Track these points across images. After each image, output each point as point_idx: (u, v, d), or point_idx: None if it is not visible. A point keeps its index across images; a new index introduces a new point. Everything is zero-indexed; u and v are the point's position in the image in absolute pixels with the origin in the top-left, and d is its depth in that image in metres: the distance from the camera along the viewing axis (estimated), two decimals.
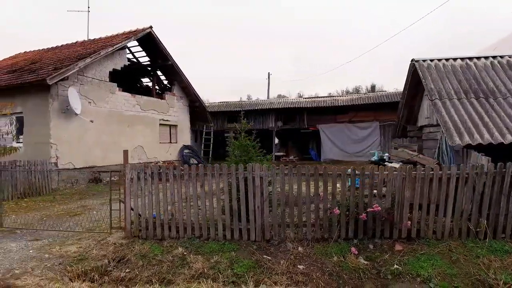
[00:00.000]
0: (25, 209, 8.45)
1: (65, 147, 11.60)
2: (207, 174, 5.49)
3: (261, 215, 5.38)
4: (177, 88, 17.57)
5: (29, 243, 5.64)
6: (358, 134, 20.29)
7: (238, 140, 6.22)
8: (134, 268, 4.99)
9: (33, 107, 11.37)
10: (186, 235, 5.59)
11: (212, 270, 4.87)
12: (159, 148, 16.26)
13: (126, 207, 5.69)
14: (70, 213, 7.85)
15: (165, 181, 5.68)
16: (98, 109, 12.89)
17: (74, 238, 5.91)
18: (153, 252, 5.28)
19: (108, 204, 8.79)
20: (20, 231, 6.34)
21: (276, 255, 5.16)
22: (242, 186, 5.37)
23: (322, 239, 5.42)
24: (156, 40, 15.09)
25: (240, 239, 5.48)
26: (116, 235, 5.86)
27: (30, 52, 17.33)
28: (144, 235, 5.68)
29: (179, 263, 5.05)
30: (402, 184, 5.07)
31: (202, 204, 5.59)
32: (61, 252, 5.22)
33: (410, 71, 7.86)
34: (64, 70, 10.85)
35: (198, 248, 5.36)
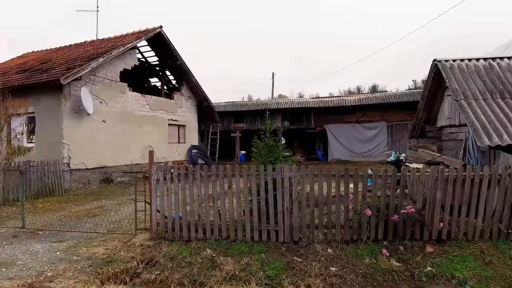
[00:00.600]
0: (41, 210, 8.39)
1: (77, 147, 11.54)
2: (235, 175, 5.44)
3: (289, 216, 5.33)
4: (185, 88, 17.52)
5: (54, 245, 5.59)
6: (366, 134, 20.24)
7: (263, 140, 6.16)
8: (164, 270, 4.94)
9: (45, 107, 11.31)
10: (213, 236, 5.53)
11: (244, 272, 4.81)
12: (168, 148, 16.20)
13: (152, 209, 5.63)
14: (88, 214, 7.80)
15: (192, 182, 5.62)
16: (109, 109, 12.84)
17: (99, 239, 5.86)
18: (181, 254, 5.23)
19: (126, 205, 8.83)
20: (42, 232, 6.28)
21: (307, 257, 5.10)
22: (270, 187, 5.32)
23: (351, 240, 5.36)
24: (166, 40, 15.04)
25: (268, 241, 5.43)
26: (142, 237, 5.81)
27: (38, 52, 17.27)
28: (170, 236, 5.62)
29: (209, 265, 5.00)
30: (434, 185, 5.01)
31: (230, 205, 5.54)
32: (88, 253, 5.17)
33: (431, 72, 7.82)
34: (77, 70, 10.79)
35: (227, 249, 5.31)
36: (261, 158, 5.86)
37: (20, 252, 5.26)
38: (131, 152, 13.87)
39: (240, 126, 22.78)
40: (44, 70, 12.11)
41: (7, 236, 6.13)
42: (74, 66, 11.21)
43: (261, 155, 5.88)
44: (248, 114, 22.58)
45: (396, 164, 9.07)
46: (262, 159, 5.83)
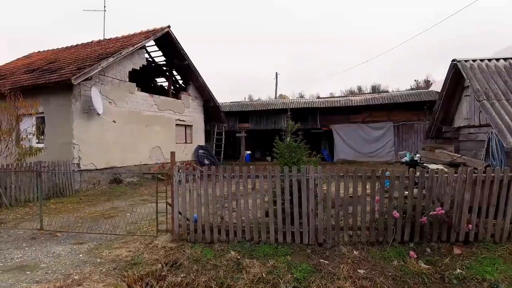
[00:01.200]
0: (55, 211, 8.32)
1: (87, 147, 11.46)
2: (259, 176, 5.38)
3: (314, 218, 5.27)
4: (192, 88, 17.45)
5: (74, 247, 5.52)
6: (372, 134, 20.18)
7: (285, 141, 6.10)
8: (190, 272, 4.87)
9: (55, 107, 11.23)
10: (236, 238, 5.47)
11: (271, 275, 4.75)
12: (176, 148, 16.09)
13: (174, 210, 5.57)
14: (104, 215, 7.72)
15: (214, 183, 5.55)
16: (118, 109, 12.76)
17: (119, 241, 5.79)
18: (205, 256, 5.16)
19: (139, 206, 8.76)
20: (61, 234, 6.21)
21: (333, 259, 5.04)
22: (295, 189, 5.26)
23: (377, 242, 5.31)
24: (173, 40, 14.97)
25: (292, 243, 5.37)
26: (163, 238, 5.74)
27: (44, 52, 17.19)
28: (193, 238, 5.56)
29: (235, 268, 4.93)
30: (462, 186, 4.96)
31: (254, 206, 5.48)
32: (112, 256, 5.09)
33: (450, 71, 7.76)
34: (88, 70, 10.71)
35: (251, 251, 5.24)
36: (284, 159, 5.80)
37: (42, 254, 5.18)
38: (140, 153, 13.79)
39: (245, 126, 22.71)
40: (53, 70, 12.04)
41: (26, 238, 6.06)
42: (84, 66, 11.13)
43: (284, 156, 5.82)
44: (253, 114, 22.52)
45: (411, 165, 9.02)
46: (285, 160, 5.77)
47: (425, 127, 19.13)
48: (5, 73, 14.27)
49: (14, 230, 6.56)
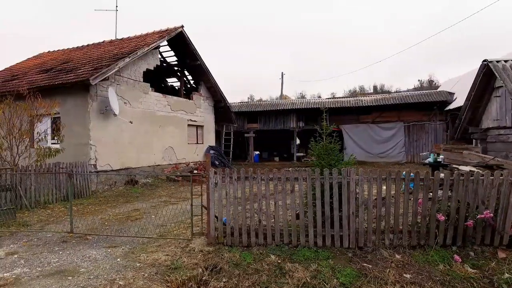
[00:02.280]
0: (78, 213, 8.21)
1: (103, 148, 11.37)
2: (298, 178, 5.28)
3: (355, 221, 5.18)
4: (203, 88, 17.35)
5: (109, 250, 5.42)
6: (382, 134, 20.11)
7: (320, 142, 6.02)
8: (232, 277, 4.77)
9: (71, 108, 11.13)
10: (274, 241, 5.37)
11: (316, 280, 4.65)
12: (187, 149, 16.04)
13: (210, 213, 5.46)
14: (129, 218, 7.63)
15: (252, 186, 5.45)
16: (133, 110, 12.67)
17: (153, 244, 5.69)
18: (245, 260, 5.06)
19: (161, 207, 8.66)
20: (92, 237, 6.11)
21: (376, 263, 4.95)
22: (335, 191, 5.17)
23: (419, 246, 5.22)
24: (186, 40, 14.87)
25: (332, 246, 5.27)
26: (198, 242, 5.64)
27: (54, 52, 17.09)
28: (229, 241, 5.46)
29: (277, 272, 4.83)
30: (509, 189, 4.87)
31: (292, 210, 5.38)
32: (150, 260, 4.99)
33: (480, 72, 7.68)
34: (105, 70, 10.61)
35: (291, 255, 5.15)
36: (322, 160, 5.71)
37: (77, 258, 5.09)
38: (153, 153, 13.70)
39: (254, 127, 22.62)
40: (68, 70, 11.93)
41: (56, 241, 5.96)
42: (101, 66, 11.03)
43: (322, 158, 5.73)
44: (262, 115, 22.43)
45: (434, 166, 8.93)
46: (323, 162, 5.68)
47: (436, 127, 19.11)
48: (17, 73, 14.18)
49: (42, 233, 6.46)
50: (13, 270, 4.66)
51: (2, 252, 5.42)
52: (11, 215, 7.21)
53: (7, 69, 16.15)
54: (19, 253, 5.37)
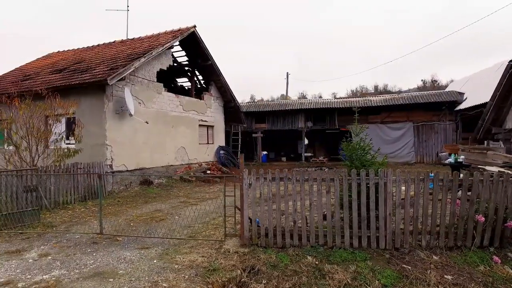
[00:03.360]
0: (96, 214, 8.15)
1: (118, 148, 11.33)
2: (334, 179, 5.25)
3: (391, 222, 5.15)
4: (213, 88, 17.31)
5: (142, 252, 5.38)
6: (391, 135, 20.07)
7: (352, 143, 5.99)
8: (271, 278, 4.74)
9: (86, 108, 11.07)
10: (309, 243, 5.34)
11: (357, 281, 4.62)
12: (199, 149, 16.00)
13: (244, 214, 5.42)
14: (153, 218, 7.59)
15: (286, 186, 5.41)
16: (147, 110, 12.63)
17: (185, 245, 5.65)
18: (282, 262, 5.03)
19: (181, 208, 8.63)
20: (122, 239, 6.07)
21: (415, 265, 4.92)
22: (372, 192, 5.14)
23: (455, 247, 5.19)
24: (198, 39, 14.83)
25: (368, 247, 5.24)
26: (231, 243, 5.60)
27: (64, 52, 17.04)
28: (263, 243, 5.42)
29: (316, 273, 4.80)
30: None
31: (328, 211, 5.35)
32: (187, 261, 4.95)
33: (507, 73, 7.65)
34: (122, 70, 10.57)
35: (328, 256, 5.11)
36: (355, 161, 5.68)
37: (113, 260, 5.04)
38: (166, 154, 13.66)
39: (262, 127, 22.59)
40: (83, 70, 11.89)
41: (86, 242, 5.92)
42: (117, 66, 10.99)
43: (357, 158, 5.70)
44: (270, 115, 22.40)
45: (455, 167, 8.90)
46: (356, 162, 5.65)
47: (446, 127, 19.09)
48: (30, 73, 14.13)
49: (70, 234, 6.41)
50: (51, 272, 4.62)
51: (35, 253, 5.38)
52: (36, 216, 7.17)
53: (18, 69, 16.10)
54: (52, 254, 5.32)
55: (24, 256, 5.25)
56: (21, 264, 4.91)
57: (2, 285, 4.23)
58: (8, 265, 4.90)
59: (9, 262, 4.99)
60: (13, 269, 4.74)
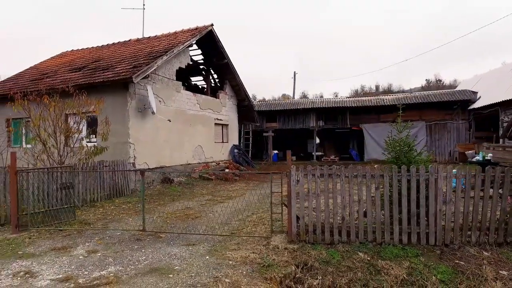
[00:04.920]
0: (131, 211, 8.17)
1: (141, 147, 11.31)
2: (384, 176, 5.25)
3: (441, 218, 5.15)
4: (228, 87, 17.30)
5: (190, 248, 5.36)
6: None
7: (396, 140, 6.00)
8: (326, 274, 4.74)
9: (108, 106, 10.99)
10: (358, 239, 5.34)
11: (413, 277, 4.63)
12: (214, 147, 15.99)
13: (292, 211, 5.42)
14: (187, 216, 7.58)
15: (335, 183, 5.41)
16: (167, 108, 12.62)
17: (231, 242, 5.64)
18: (333, 258, 5.03)
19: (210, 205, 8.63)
20: (164, 235, 6.06)
21: (468, 260, 4.92)
22: (423, 188, 5.14)
23: (505, 243, 5.19)
24: (215, 38, 14.82)
25: (418, 244, 5.24)
26: (277, 239, 5.59)
27: (79, 50, 17.02)
28: (311, 239, 5.42)
29: (371, 269, 4.80)
30: None
31: (377, 207, 5.34)
32: (239, 257, 4.93)
33: None
34: (146, 68, 10.56)
35: (379, 252, 5.11)
36: (403, 157, 5.68)
37: (163, 256, 5.03)
38: (185, 152, 13.65)
39: (273, 126, 22.57)
40: (104, 68, 11.87)
41: (130, 239, 5.91)
42: (140, 65, 10.98)
43: (404, 155, 5.70)
44: (281, 114, 22.40)
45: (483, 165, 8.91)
46: (404, 159, 5.66)
47: (459, 126, 19.11)
48: (47, 72, 14.11)
49: (110, 231, 6.40)
50: (107, 268, 4.61)
51: (82, 250, 5.37)
52: (71, 214, 7.16)
53: (33, 67, 16.07)
54: (100, 251, 5.31)
55: (73, 253, 5.24)
56: (73, 261, 4.89)
57: (62, 281, 4.22)
58: (60, 261, 4.89)
59: (60, 259, 4.98)
60: (67, 265, 4.73)
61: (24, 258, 5.04)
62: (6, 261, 4.92)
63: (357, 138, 22.77)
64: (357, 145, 23.00)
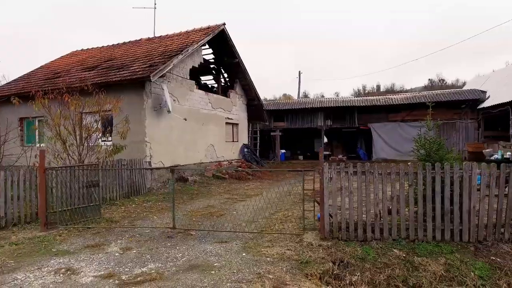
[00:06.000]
0: (153, 209, 8.19)
1: (156, 145, 11.33)
2: (418, 173, 5.27)
3: (475, 215, 5.18)
4: (238, 86, 17.32)
5: (223, 245, 5.38)
6: (412, 133, 19.93)
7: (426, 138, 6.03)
8: (364, 271, 4.76)
9: (124, 105, 10.95)
10: (391, 236, 5.36)
11: (451, 273, 4.65)
12: (225, 147, 16.01)
13: (325, 208, 5.44)
14: (212, 214, 7.61)
15: (368, 180, 5.43)
16: (181, 107, 12.63)
17: (263, 239, 5.66)
18: (368, 255, 5.04)
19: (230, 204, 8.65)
20: (195, 233, 6.08)
21: (503, 257, 4.95)
22: (456, 185, 5.16)
23: None
24: (227, 37, 14.83)
25: (451, 240, 5.26)
26: (310, 236, 5.62)
27: (88, 50, 17.05)
28: (344, 236, 5.44)
29: (408, 266, 4.83)
30: None
31: (411, 204, 5.36)
32: (275, 254, 4.96)
33: None
34: (163, 67, 10.59)
35: (413, 249, 5.13)
36: (435, 155, 5.71)
37: (199, 253, 5.05)
38: (198, 151, 13.67)
39: (280, 125, 22.61)
40: (118, 67, 11.88)
41: (161, 236, 5.93)
42: (156, 64, 10.99)
43: (435, 153, 5.73)
44: (289, 113, 22.43)
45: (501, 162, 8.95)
46: (435, 156, 5.68)
47: (467, 125, 19.15)
48: (59, 71, 14.12)
49: (139, 229, 6.42)
50: (147, 265, 4.62)
51: (116, 247, 5.39)
52: (97, 211, 7.17)
53: (43, 67, 16.08)
54: (134, 248, 5.33)
55: (107, 250, 5.26)
56: (109, 258, 4.91)
57: (105, 277, 4.23)
58: (97, 258, 4.90)
59: (96, 256, 5.00)
60: (105, 262, 4.74)
61: (60, 256, 5.06)
62: (43, 258, 4.94)
63: (364, 137, 22.80)
64: (365, 145, 23.03)
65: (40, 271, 4.46)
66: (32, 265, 4.69)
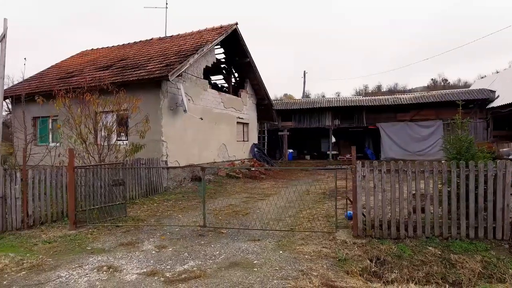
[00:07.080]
0: (176, 208, 8.21)
1: (172, 144, 11.35)
2: (451, 171, 5.30)
3: (509, 213, 5.20)
4: (248, 86, 17.34)
5: (257, 243, 5.41)
6: (420, 133, 20.15)
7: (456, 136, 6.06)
8: (402, 268, 4.79)
9: (141, 104, 10.97)
10: (424, 234, 5.39)
11: (489, 270, 4.68)
12: (237, 146, 16.03)
13: (358, 206, 5.46)
14: (237, 212, 7.63)
15: (401, 179, 5.45)
16: (195, 106, 12.65)
17: (295, 237, 5.68)
18: (404, 252, 5.07)
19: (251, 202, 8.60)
20: (226, 231, 6.10)
21: None
22: (490, 183, 5.19)
23: None
24: (239, 37, 14.85)
25: (485, 238, 5.29)
26: (342, 234, 5.64)
27: (99, 49, 17.06)
28: (377, 234, 5.46)
29: (445, 263, 4.86)
30: None
31: (444, 202, 5.39)
32: (312, 252, 4.98)
33: None
34: (180, 66, 10.61)
35: (448, 247, 5.16)
36: (466, 154, 5.73)
37: (235, 251, 5.07)
38: (211, 150, 13.69)
39: (288, 125, 22.63)
40: (134, 67, 11.89)
41: (193, 235, 5.96)
42: (172, 63, 11.00)
43: (468, 152, 5.76)
44: (296, 113, 22.46)
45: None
46: (467, 154, 5.71)
47: (476, 125, 19.19)
48: (72, 70, 14.13)
49: (168, 227, 6.44)
50: (187, 262, 4.65)
51: (150, 245, 5.41)
52: (123, 210, 7.20)
53: (54, 66, 16.09)
54: (168, 246, 5.35)
55: (142, 248, 5.28)
56: (147, 256, 4.93)
57: (149, 275, 4.25)
58: (135, 256, 4.92)
59: (133, 254, 5.02)
60: (144, 260, 4.76)
61: (97, 254, 5.08)
62: (80, 256, 4.96)
63: (372, 137, 22.84)
64: (373, 144, 23.06)
65: (81, 269, 4.48)
66: (72, 262, 4.71)
